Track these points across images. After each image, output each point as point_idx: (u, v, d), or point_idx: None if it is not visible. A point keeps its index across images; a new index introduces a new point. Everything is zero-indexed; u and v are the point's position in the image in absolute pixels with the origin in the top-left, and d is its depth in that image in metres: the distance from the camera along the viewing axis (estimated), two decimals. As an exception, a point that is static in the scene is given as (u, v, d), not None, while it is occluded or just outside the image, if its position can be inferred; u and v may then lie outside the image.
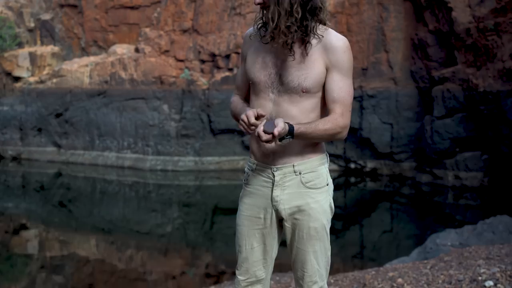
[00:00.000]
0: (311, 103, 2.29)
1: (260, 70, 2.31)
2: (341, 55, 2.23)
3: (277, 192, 2.34)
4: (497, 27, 11.94)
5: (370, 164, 14.13)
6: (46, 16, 17.82)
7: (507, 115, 11.35)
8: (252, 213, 2.43)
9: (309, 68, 2.23)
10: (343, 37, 2.29)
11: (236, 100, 2.51)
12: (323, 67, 2.23)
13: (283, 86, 2.25)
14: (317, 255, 2.39)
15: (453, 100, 12.54)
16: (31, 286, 7.12)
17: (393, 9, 14.24)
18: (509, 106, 11.34)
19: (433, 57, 13.63)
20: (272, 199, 2.36)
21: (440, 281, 4.08)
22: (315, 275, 2.40)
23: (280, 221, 2.44)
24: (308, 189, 2.36)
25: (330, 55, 2.22)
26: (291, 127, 2.13)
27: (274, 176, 2.33)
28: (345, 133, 2.27)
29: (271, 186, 2.35)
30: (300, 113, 2.28)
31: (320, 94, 2.27)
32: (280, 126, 2.06)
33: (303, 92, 2.25)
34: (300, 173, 2.33)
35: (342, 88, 2.24)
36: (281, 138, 2.13)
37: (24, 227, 10.44)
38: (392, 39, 14.26)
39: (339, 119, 2.23)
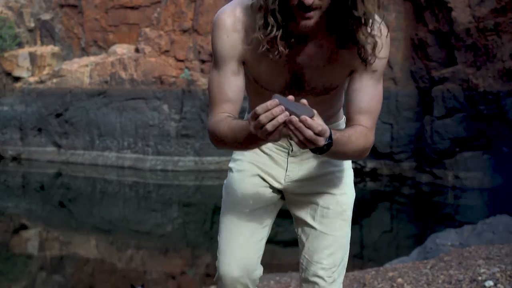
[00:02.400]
0: (339, 93, 1.86)
1: (272, 78, 1.72)
2: (380, 55, 1.66)
3: (291, 167, 1.90)
4: (497, 27, 11.94)
5: (370, 164, 14.13)
6: (46, 16, 17.83)
7: (507, 115, 11.35)
8: (259, 206, 1.94)
9: (334, 73, 1.71)
10: (384, 24, 1.65)
11: (225, 119, 1.67)
12: (350, 69, 1.71)
13: (304, 90, 1.73)
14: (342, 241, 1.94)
15: (453, 100, 12.54)
16: (31, 286, 7.12)
17: (393, 9, 14.24)
18: (509, 106, 11.35)
19: (433, 57, 13.63)
20: (286, 171, 1.91)
21: (440, 281, 4.08)
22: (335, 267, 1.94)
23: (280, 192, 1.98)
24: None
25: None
26: (329, 131, 1.53)
27: (291, 144, 1.88)
28: (368, 152, 1.76)
29: (286, 157, 1.90)
30: (329, 107, 1.85)
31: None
32: (322, 121, 1.46)
33: (331, 92, 1.78)
34: None
35: (373, 97, 1.72)
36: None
37: (24, 227, 10.44)
38: (392, 39, 14.25)
39: (369, 134, 1.72)
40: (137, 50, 16.13)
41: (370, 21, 1.56)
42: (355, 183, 2.11)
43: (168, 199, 12.80)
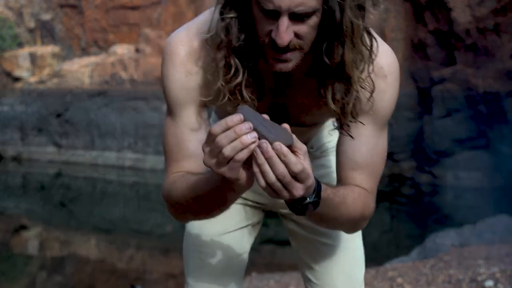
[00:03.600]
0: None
1: None
2: (385, 97, 1.25)
3: None
4: (497, 27, 11.94)
5: (370, 164, 14.13)
6: (46, 16, 17.82)
7: (507, 115, 11.36)
8: (233, 228, 1.57)
9: (326, 112, 1.29)
10: (392, 56, 1.27)
11: (183, 176, 1.25)
12: None
13: (288, 123, 1.22)
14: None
15: (453, 100, 12.54)
16: (31, 286, 7.12)
17: (393, 9, 14.24)
18: (509, 106, 11.35)
19: (433, 57, 13.63)
20: None
21: (440, 281, 4.08)
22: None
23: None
24: (320, 158, 1.55)
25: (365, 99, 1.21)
26: (317, 184, 1.09)
27: None
28: (365, 224, 1.40)
29: None
30: (319, 131, 1.54)
31: None
32: (310, 163, 1.03)
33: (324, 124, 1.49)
34: (312, 147, 1.55)
35: (374, 150, 1.28)
36: (298, 201, 1.07)
37: (24, 227, 10.44)
38: (392, 39, 14.26)
39: (369, 199, 1.34)
40: (137, 51, 16.13)
41: (350, 82, 1.14)
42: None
43: (168, 199, 12.79)
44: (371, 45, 1.15)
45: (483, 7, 12.57)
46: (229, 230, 1.56)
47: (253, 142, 0.96)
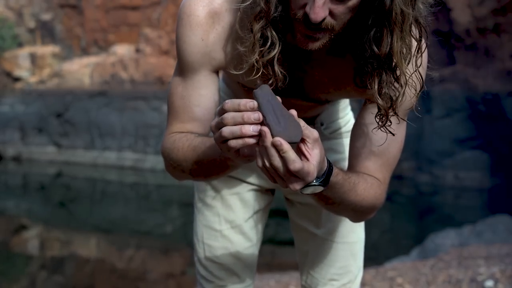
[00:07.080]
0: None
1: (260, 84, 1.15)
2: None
3: None
4: (497, 27, 11.95)
5: (370, 164, 14.13)
6: (46, 16, 17.84)
7: (507, 115, 11.36)
8: (241, 220, 1.58)
9: (344, 93, 1.26)
10: (426, 50, 1.23)
11: (186, 135, 1.22)
12: (365, 96, 1.22)
13: (302, 99, 1.27)
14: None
15: (453, 101, 12.55)
16: (31, 286, 7.13)
17: (393, 9, 14.25)
18: (509, 106, 11.36)
19: (433, 57, 13.63)
20: None
21: (439, 281, 4.08)
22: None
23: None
24: (331, 140, 1.50)
25: None
26: (329, 166, 1.04)
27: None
28: (373, 214, 1.30)
29: None
30: (331, 107, 1.48)
31: None
32: (320, 152, 0.96)
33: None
34: (322, 124, 1.49)
35: (392, 140, 1.23)
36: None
37: (24, 227, 10.44)
38: (392, 39, 14.27)
39: (380, 190, 1.26)
40: (137, 51, 16.13)
41: (398, 71, 1.07)
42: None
43: (169, 199, 12.80)
44: (421, 36, 1.07)
45: (483, 7, 12.57)
46: (238, 223, 1.56)
47: (253, 136, 0.91)
